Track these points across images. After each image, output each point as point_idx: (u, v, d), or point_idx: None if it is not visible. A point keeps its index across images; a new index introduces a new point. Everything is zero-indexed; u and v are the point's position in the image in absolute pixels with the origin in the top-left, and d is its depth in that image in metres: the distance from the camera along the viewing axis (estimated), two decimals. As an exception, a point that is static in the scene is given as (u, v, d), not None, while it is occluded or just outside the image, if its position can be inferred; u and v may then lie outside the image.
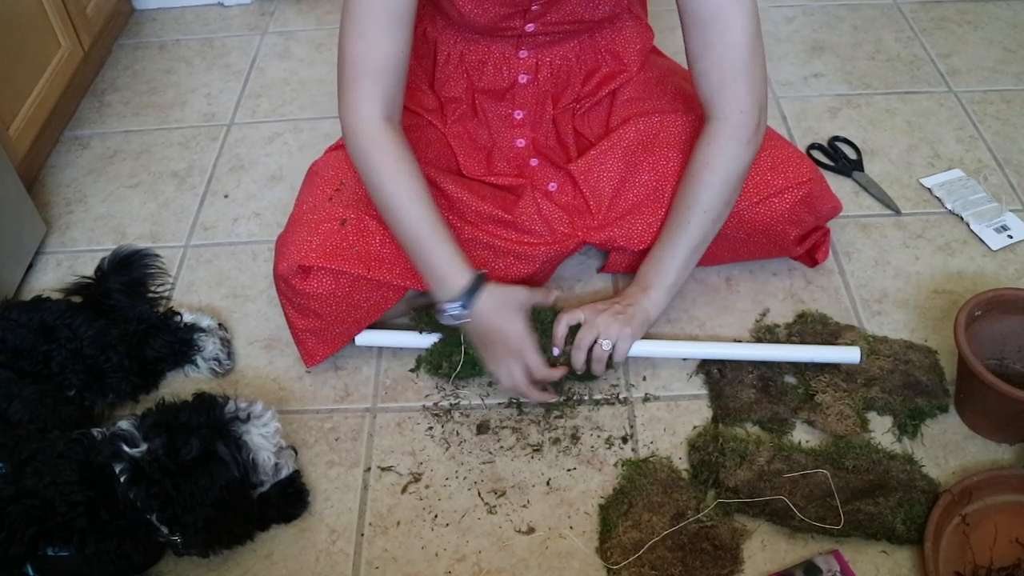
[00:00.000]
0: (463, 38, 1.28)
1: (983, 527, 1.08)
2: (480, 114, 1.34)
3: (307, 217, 1.22)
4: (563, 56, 1.29)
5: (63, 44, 1.79)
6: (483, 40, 1.27)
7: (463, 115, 1.33)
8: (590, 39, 1.29)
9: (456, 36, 1.28)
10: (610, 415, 1.25)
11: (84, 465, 1.00)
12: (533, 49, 1.27)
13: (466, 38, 1.28)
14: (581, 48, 1.30)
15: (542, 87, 1.31)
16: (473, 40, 1.27)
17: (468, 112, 1.34)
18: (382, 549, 1.13)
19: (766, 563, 1.08)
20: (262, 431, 1.05)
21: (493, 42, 1.27)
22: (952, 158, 1.64)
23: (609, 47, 1.32)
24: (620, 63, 1.33)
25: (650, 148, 1.29)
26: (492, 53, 1.28)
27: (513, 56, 1.28)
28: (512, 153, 1.35)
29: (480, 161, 1.34)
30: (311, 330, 1.25)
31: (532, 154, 1.36)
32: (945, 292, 1.39)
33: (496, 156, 1.35)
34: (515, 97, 1.32)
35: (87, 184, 1.72)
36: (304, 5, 2.18)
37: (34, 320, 1.22)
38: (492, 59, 1.28)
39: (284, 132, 1.80)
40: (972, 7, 2.02)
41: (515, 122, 1.34)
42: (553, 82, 1.31)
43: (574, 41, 1.28)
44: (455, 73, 1.31)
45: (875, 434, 1.20)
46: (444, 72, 1.31)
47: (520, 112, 1.33)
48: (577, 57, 1.30)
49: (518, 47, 1.27)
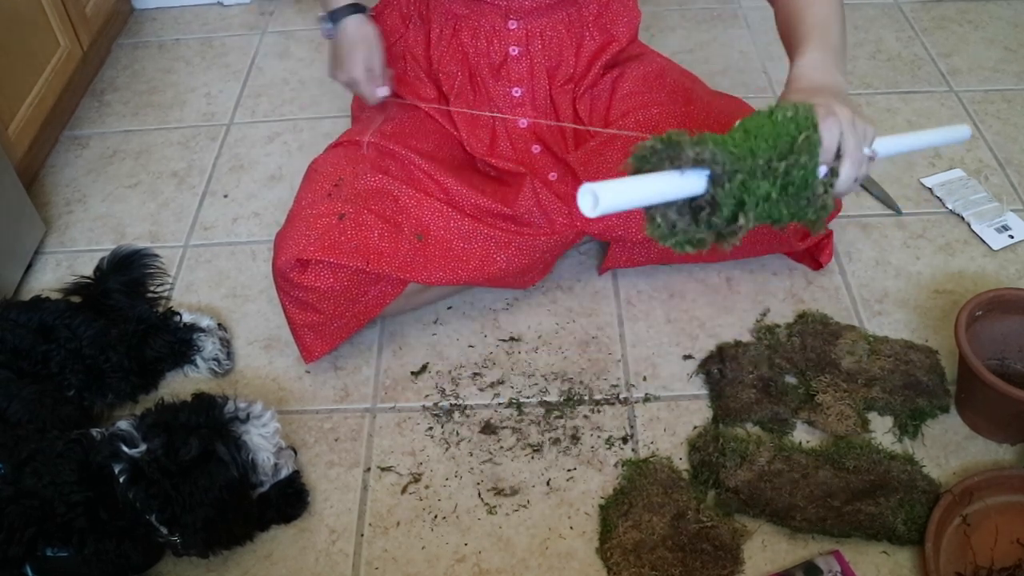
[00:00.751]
0: (453, 13, 1.29)
1: (984, 527, 1.08)
2: (480, 91, 1.35)
3: (305, 212, 1.22)
4: (553, 27, 1.30)
5: (62, 44, 1.79)
6: (472, 12, 1.29)
7: (464, 93, 1.34)
8: (578, 13, 1.31)
9: (446, 13, 1.30)
10: (610, 415, 1.25)
11: (83, 465, 1.00)
12: (521, 19, 1.28)
13: (456, 13, 1.29)
14: (570, 20, 1.31)
15: (535, 60, 1.32)
16: (463, 15, 1.29)
17: (469, 89, 1.35)
18: (382, 549, 1.13)
19: (766, 563, 1.08)
20: (262, 431, 1.05)
21: (482, 14, 1.28)
22: (953, 158, 1.64)
23: (596, 21, 1.33)
24: (608, 35, 1.35)
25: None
26: (482, 26, 1.29)
27: (503, 28, 1.29)
28: (515, 134, 1.36)
29: (483, 140, 1.35)
30: (310, 325, 1.25)
31: (534, 140, 1.36)
32: (946, 292, 1.39)
33: (499, 136, 1.36)
34: (510, 72, 1.33)
35: (86, 184, 1.72)
36: (304, 5, 2.18)
37: (33, 320, 1.22)
38: (483, 31, 1.30)
39: (284, 132, 1.80)
40: (973, 7, 2.02)
41: (515, 100, 1.35)
42: (545, 54, 1.32)
43: (562, 13, 1.30)
44: (449, 49, 1.33)
45: (876, 434, 1.20)
46: (439, 50, 1.33)
47: (518, 89, 1.34)
48: (567, 28, 1.32)
49: (506, 16, 1.28)
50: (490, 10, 1.28)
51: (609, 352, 1.33)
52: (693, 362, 1.31)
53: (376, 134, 1.31)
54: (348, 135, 1.34)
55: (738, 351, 1.30)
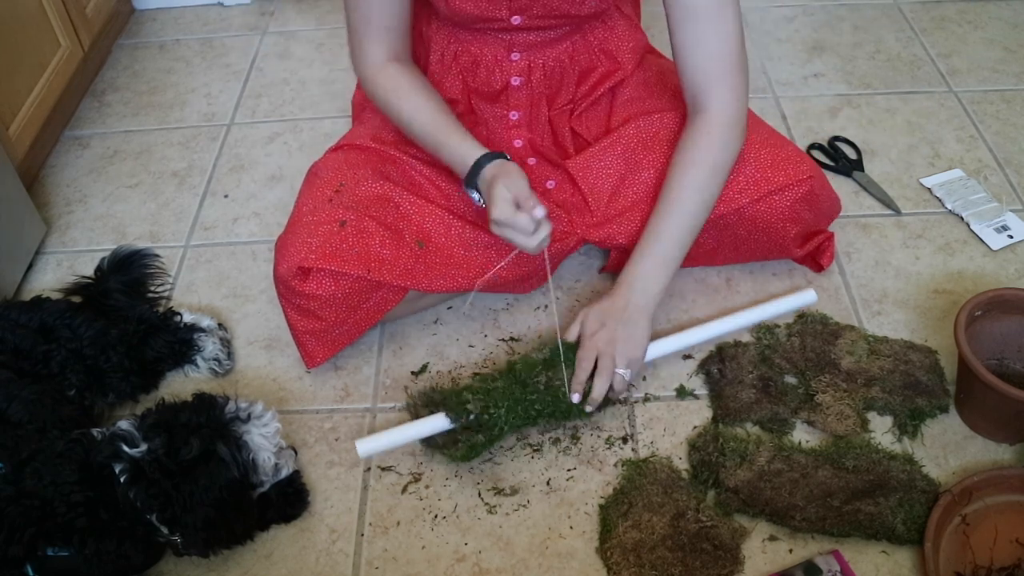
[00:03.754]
0: (455, 38, 1.28)
1: (983, 527, 1.08)
2: (477, 114, 1.34)
3: (307, 219, 1.22)
4: (556, 58, 1.29)
5: (63, 44, 1.79)
6: (475, 41, 1.27)
7: (460, 115, 1.34)
8: (583, 39, 1.30)
9: (448, 36, 1.29)
10: (610, 415, 1.25)
11: (84, 465, 1.00)
12: (525, 51, 1.27)
13: (458, 38, 1.28)
14: (574, 49, 1.30)
15: (535, 89, 1.31)
16: (465, 41, 1.28)
17: (465, 111, 1.34)
18: (382, 549, 1.13)
19: (766, 563, 1.08)
20: (262, 431, 1.05)
21: (485, 44, 1.27)
22: (952, 158, 1.64)
23: (602, 46, 1.32)
24: (615, 62, 1.33)
25: (651, 146, 1.30)
26: (484, 56, 1.28)
27: (505, 59, 1.28)
28: (510, 154, 1.35)
29: None
30: (312, 332, 1.25)
31: (530, 154, 1.36)
32: (945, 292, 1.39)
33: None
34: (509, 99, 1.32)
35: (87, 184, 1.72)
36: (304, 5, 2.18)
37: (34, 320, 1.22)
38: (484, 62, 1.29)
39: (284, 132, 1.80)
40: (972, 7, 2.02)
41: (511, 123, 1.35)
42: (546, 84, 1.31)
43: (566, 43, 1.29)
44: (449, 74, 1.32)
45: (875, 434, 1.20)
46: (439, 72, 1.32)
47: (515, 113, 1.33)
48: (571, 58, 1.30)
49: (510, 49, 1.27)
50: (493, 41, 1.27)
51: (609, 352, 1.33)
52: (693, 362, 1.31)
53: (376, 140, 1.31)
54: (348, 138, 1.34)
55: (738, 351, 1.30)
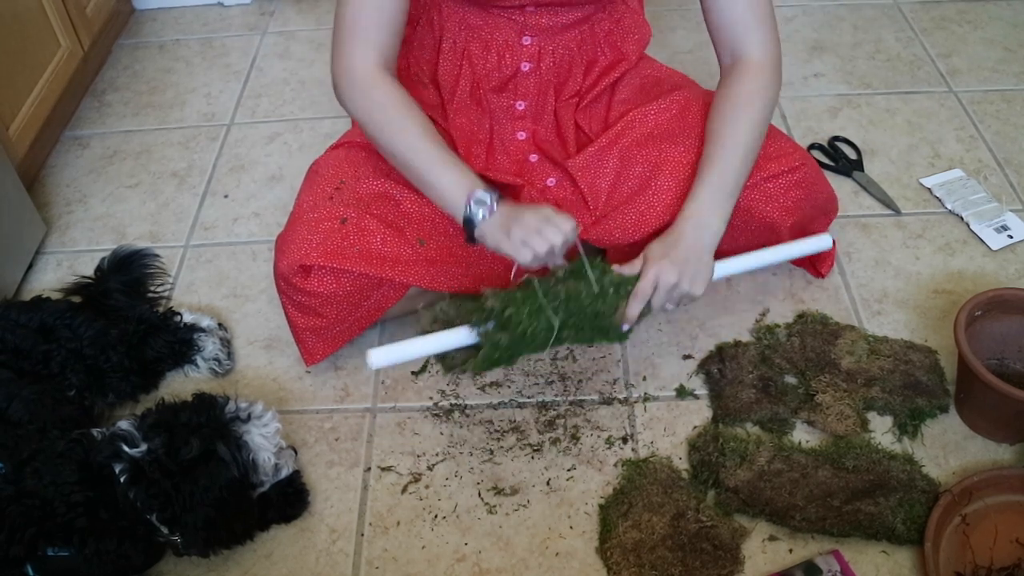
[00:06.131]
0: (468, 24, 1.28)
1: (983, 527, 1.08)
2: (483, 104, 1.34)
3: (307, 216, 1.22)
4: (565, 45, 1.30)
5: (63, 44, 1.79)
6: (486, 25, 1.28)
7: (464, 106, 1.34)
8: (590, 29, 1.30)
9: (461, 22, 1.29)
10: (610, 415, 1.25)
11: (84, 465, 1.00)
12: (536, 35, 1.28)
13: (470, 24, 1.28)
14: (582, 38, 1.30)
15: (544, 77, 1.32)
16: (476, 26, 1.28)
17: (470, 102, 1.34)
18: (382, 549, 1.13)
19: (766, 563, 1.08)
20: (262, 431, 1.05)
21: (497, 27, 1.27)
22: (952, 158, 1.64)
23: (608, 38, 1.32)
24: (619, 53, 1.34)
25: (644, 142, 1.30)
26: (495, 39, 1.28)
27: (516, 43, 1.28)
28: (512, 147, 1.35)
29: (480, 155, 1.35)
30: (312, 329, 1.25)
31: (532, 149, 1.36)
32: (945, 292, 1.39)
33: (496, 149, 1.35)
34: (517, 87, 1.32)
35: (87, 184, 1.72)
36: (304, 5, 2.18)
37: (34, 320, 1.22)
38: (496, 45, 1.29)
39: (284, 132, 1.80)
40: (972, 7, 2.02)
41: (517, 113, 1.35)
42: (555, 71, 1.32)
43: (575, 31, 1.29)
44: (459, 62, 1.32)
45: (875, 434, 1.20)
46: (448, 61, 1.32)
47: (522, 103, 1.33)
48: (579, 47, 1.31)
49: (521, 33, 1.27)
50: (506, 24, 1.27)
51: (609, 352, 1.33)
52: (693, 362, 1.31)
53: None
54: (349, 136, 1.34)
55: (738, 351, 1.30)
